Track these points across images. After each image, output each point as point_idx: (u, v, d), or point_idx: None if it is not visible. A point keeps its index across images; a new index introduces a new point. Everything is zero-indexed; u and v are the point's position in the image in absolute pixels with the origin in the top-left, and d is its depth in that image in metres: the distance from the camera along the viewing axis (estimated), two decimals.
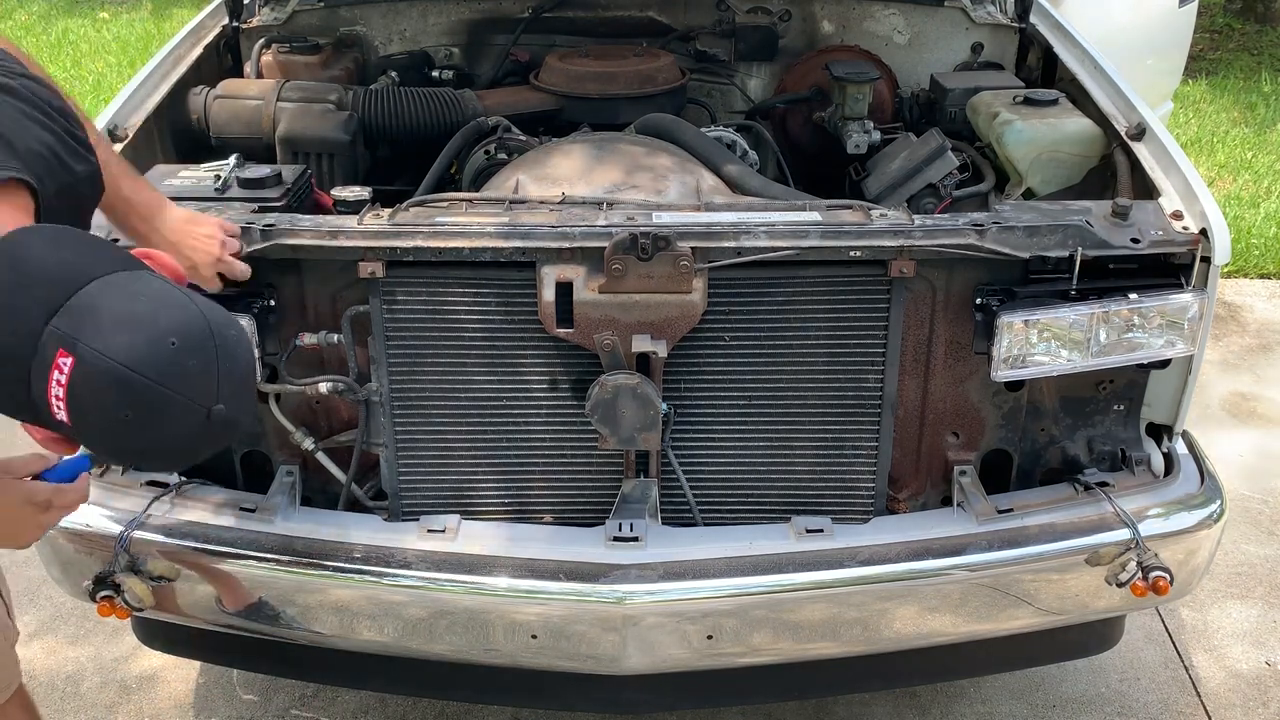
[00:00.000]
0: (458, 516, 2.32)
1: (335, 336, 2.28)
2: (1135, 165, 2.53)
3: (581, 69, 3.18)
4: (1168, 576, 2.19)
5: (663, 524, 2.32)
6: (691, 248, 2.13)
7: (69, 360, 1.30)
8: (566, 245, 2.14)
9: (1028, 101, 2.82)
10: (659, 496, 2.36)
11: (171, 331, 1.35)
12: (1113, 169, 2.61)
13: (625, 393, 2.20)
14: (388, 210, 2.25)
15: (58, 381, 1.31)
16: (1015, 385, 2.39)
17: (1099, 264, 2.23)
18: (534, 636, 2.22)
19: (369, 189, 2.50)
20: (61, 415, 1.33)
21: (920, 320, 2.31)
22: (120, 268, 1.38)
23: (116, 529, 2.26)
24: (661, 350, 2.18)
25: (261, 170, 2.42)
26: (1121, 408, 2.44)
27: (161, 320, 1.35)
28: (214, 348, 1.38)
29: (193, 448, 1.43)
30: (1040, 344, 2.25)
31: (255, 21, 3.42)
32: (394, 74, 3.39)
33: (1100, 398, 2.42)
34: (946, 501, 2.45)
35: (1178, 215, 2.30)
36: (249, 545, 2.26)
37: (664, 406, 2.24)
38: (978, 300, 2.27)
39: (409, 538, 2.29)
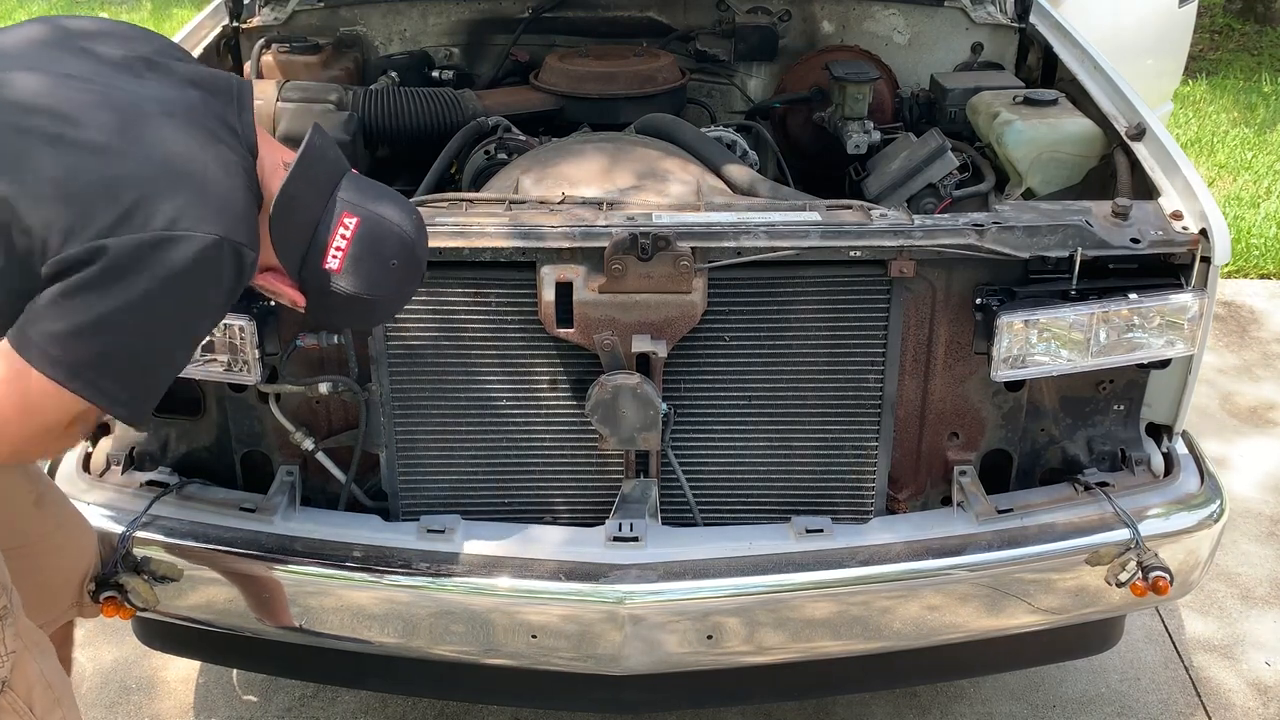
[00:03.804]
0: (458, 516, 2.32)
1: (335, 336, 2.27)
2: (1135, 165, 2.53)
3: (581, 69, 3.18)
4: (1168, 576, 2.19)
5: (663, 524, 2.32)
6: (691, 248, 2.14)
7: (354, 220, 1.75)
8: (566, 245, 2.15)
9: (1028, 101, 2.82)
10: (659, 496, 2.36)
11: (413, 210, 1.86)
12: (1113, 169, 2.61)
13: (625, 393, 2.20)
14: None
15: (342, 235, 1.74)
16: (1015, 385, 2.39)
17: (1099, 264, 2.23)
18: (534, 636, 2.22)
19: None
20: (332, 263, 1.74)
21: (920, 320, 2.31)
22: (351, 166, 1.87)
23: (118, 529, 2.26)
24: (661, 350, 2.18)
25: None
26: (1121, 408, 2.44)
27: (405, 200, 1.87)
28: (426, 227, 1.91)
29: (406, 299, 1.93)
30: (1040, 344, 2.25)
31: (255, 21, 3.42)
32: (394, 74, 3.38)
33: (1100, 398, 2.42)
34: (946, 501, 2.45)
35: (1178, 215, 2.30)
36: (249, 545, 2.26)
37: (664, 406, 2.24)
38: (978, 300, 2.27)
39: (409, 538, 2.28)
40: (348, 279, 1.76)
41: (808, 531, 2.29)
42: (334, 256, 1.74)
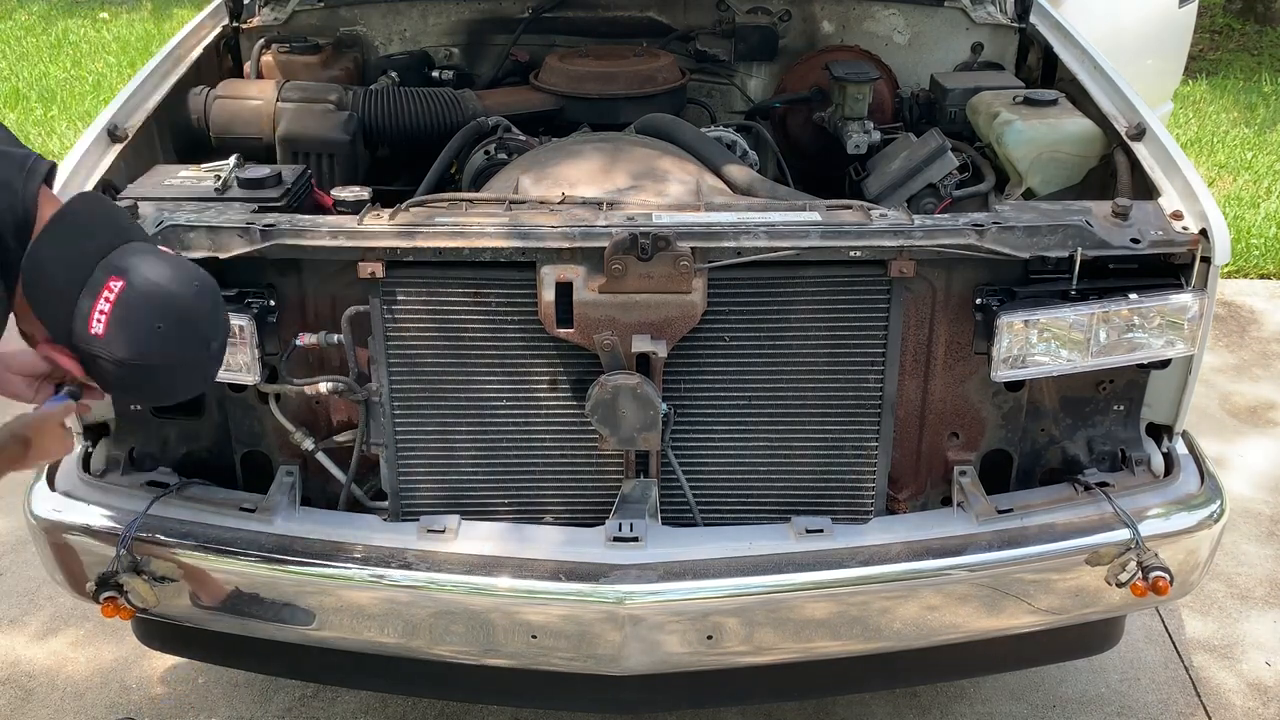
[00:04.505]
0: (458, 516, 2.32)
1: (335, 336, 2.27)
2: (1135, 165, 2.53)
3: (581, 69, 3.18)
4: (1168, 576, 2.19)
5: (663, 524, 2.32)
6: (691, 248, 2.13)
7: (120, 283, 1.68)
8: (566, 245, 2.14)
9: (1028, 101, 2.82)
10: (659, 496, 2.36)
11: (196, 277, 1.78)
12: (1113, 169, 2.61)
13: (625, 393, 2.20)
14: (388, 210, 2.25)
15: (105, 298, 1.67)
16: (1015, 385, 2.39)
17: (1099, 264, 2.23)
18: (534, 637, 2.22)
19: (369, 189, 2.50)
20: (96, 327, 1.67)
21: (920, 320, 2.31)
22: (148, 239, 1.81)
23: (118, 529, 2.26)
24: (661, 350, 2.18)
25: (261, 170, 2.42)
26: (1121, 408, 2.44)
27: (190, 269, 1.79)
28: (219, 300, 1.82)
29: (191, 375, 1.82)
30: (1040, 344, 2.25)
31: (255, 21, 3.42)
32: (394, 74, 3.39)
33: (1100, 398, 2.42)
34: (946, 501, 2.45)
35: (1178, 215, 2.30)
36: (249, 545, 2.26)
37: (664, 407, 2.24)
38: (978, 300, 2.27)
39: (409, 538, 2.29)
40: (112, 344, 1.70)
41: (808, 532, 2.29)
42: (98, 320, 1.68)
